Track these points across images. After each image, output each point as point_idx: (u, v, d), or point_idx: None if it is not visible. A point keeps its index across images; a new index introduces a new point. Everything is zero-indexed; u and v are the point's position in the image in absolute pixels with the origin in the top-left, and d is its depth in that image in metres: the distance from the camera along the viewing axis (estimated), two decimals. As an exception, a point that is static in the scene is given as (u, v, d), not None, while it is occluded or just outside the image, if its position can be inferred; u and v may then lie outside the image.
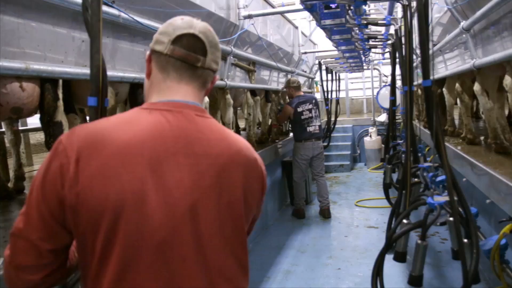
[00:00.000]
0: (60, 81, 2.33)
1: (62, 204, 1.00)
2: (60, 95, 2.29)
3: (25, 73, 1.86)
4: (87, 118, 4.03)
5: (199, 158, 1.09)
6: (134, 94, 2.82)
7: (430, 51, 1.85)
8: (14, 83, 2.06)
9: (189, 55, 1.13)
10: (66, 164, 0.99)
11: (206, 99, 3.68)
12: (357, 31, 4.51)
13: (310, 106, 6.20)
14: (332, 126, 9.22)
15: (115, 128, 1.04)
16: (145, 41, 2.84)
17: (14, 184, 3.22)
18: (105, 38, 2.44)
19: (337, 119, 9.80)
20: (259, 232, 5.67)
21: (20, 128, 3.75)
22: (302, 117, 6.14)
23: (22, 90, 2.12)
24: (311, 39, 8.39)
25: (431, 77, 1.84)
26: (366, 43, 5.10)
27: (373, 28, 4.50)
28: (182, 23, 1.15)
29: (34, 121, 4.04)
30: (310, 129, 6.17)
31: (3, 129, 3.61)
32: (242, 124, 8.41)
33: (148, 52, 1.19)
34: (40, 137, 6.76)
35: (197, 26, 1.16)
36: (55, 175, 1.00)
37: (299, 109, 6.14)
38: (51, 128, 2.22)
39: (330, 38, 4.70)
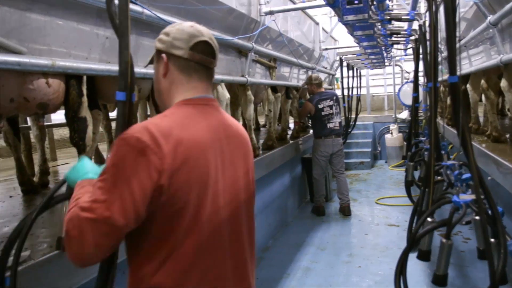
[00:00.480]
0: (85, 78, 2.37)
1: (156, 191, 1.17)
2: (85, 91, 2.33)
3: (51, 70, 1.89)
4: (109, 114, 4.09)
5: (232, 139, 1.41)
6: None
7: (457, 46, 1.81)
8: (41, 79, 2.10)
9: (206, 59, 1.38)
10: (156, 159, 1.17)
11: (227, 95, 3.68)
12: (380, 26, 4.44)
13: (331, 103, 6.18)
14: (353, 123, 9.13)
15: (182, 124, 1.26)
16: (167, 38, 2.85)
17: (39, 179, 3.30)
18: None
19: (358, 116, 9.70)
20: (278, 229, 5.67)
21: (45, 123, 3.82)
22: (323, 113, 6.12)
23: (48, 86, 2.16)
24: (332, 35, 8.33)
25: (458, 73, 1.80)
26: (389, 39, 5.02)
27: (396, 23, 4.42)
28: (194, 30, 1.36)
29: (57, 117, 4.12)
30: (330, 125, 6.14)
31: (29, 125, 3.69)
32: (261, 120, 8.41)
33: (163, 55, 1.37)
34: (63, 132, 6.88)
35: (206, 33, 1.39)
36: (148, 169, 1.16)
37: (320, 106, 6.11)
38: (75, 124, 2.26)
39: (352, 34, 4.65)
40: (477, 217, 1.80)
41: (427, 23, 3.87)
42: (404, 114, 10.19)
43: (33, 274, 1.70)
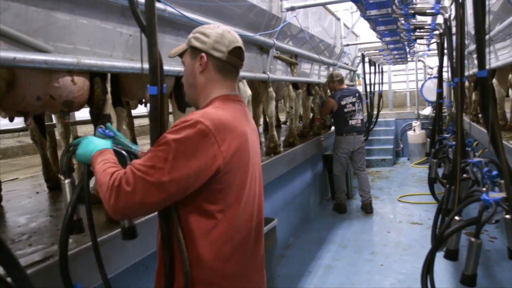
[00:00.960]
0: (109, 75, 2.39)
1: (211, 172, 1.35)
2: (109, 89, 2.35)
3: (76, 68, 1.91)
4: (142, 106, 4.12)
5: (255, 132, 1.62)
6: (178, 87, 2.85)
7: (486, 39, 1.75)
8: (66, 77, 2.13)
9: (239, 62, 1.58)
10: (216, 144, 1.35)
11: (249, 92, 3.68)
12: (403, 21, 4.36)
13: (354, 100, 6.12)
14: (374, 120, 9.01)
15: (231, 117, 1.45)
16: (188, 35, 2.85)
17: (64, 175, 3.34)
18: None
19: (380, 112, 9.57)
20: (299, 226, 5.65)
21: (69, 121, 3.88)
22: (345, 110, 6.07)
23: (74, 84, 2.19)
24: (353, 31, 8.23)
25: (487, 67, 1.74)
26: (412, 33, 4.93)
27: (419, 17, 4.33)
28: (232, 36, 1.55)
29: (81, 114, 4.18)
30: (352, 122, 6.09)
31: (54, 122, 3.76)
32: (282, 117, 8.38)
33: (203, 54, 1.51)
34: (87, 130, 6.99)
35: (239, 39, 1.58)
36: (207, 151, 1.33)
37: (343, 102, 6.06)
38: (100, 121, 2.28)
39: (374, 30, 4.58)
40: (507, 216, 1.75)
41: (452, 17, 3.79)
42: (427, 111, 10.01)
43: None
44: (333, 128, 6.93)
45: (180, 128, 1.34)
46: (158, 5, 2.34)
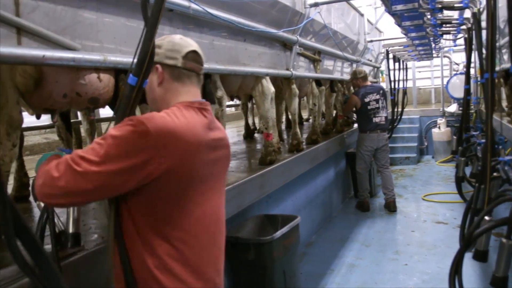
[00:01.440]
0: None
1: (144, 173, 1.31)
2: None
3: (103, 65, 1.93)
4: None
5: (220, 142, 1.57)
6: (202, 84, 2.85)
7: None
8: (93, 74, 2.16)
9: (196, 66, 1.56)
10: (153, 147, 1.31)
11: (272, 89, 3.66)
12: (429, 16, 4.26)
13: (377, 97, 6.02)
14: (399, 117, 8.87)
15: (184, 124, 1.39)
16: (212, 32, 2.86)
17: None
18: (175, 29, 2.48)
19: (404, 109, 9.41)
20: (322, 224, 5.61)
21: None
22: (369, 107, 5.97)
23: (99, 81, 2.21)
24: (377, 27, 8.11)
25: (521, 63, 1.68)
26: (438, 29, 4.81)
27: (446, 12, 4.22)
28: (184, 42, 1.54)
29: (105, 111, 4.23)
30: (376, 120, 5.99)
31: (80, 119, 3.82)
32: (303, 114, 8.33)
33: (158, 66, 1.50)
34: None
35: (194, 43, 1.57)
36: (141, 153, 1.30)
37: (366, 99, 5.97)
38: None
39: (399, 25, 4.50)
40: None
41: (482, 10, 3.69)
42: (453, 108, 9.79)
43: (84, 263, 1.76)
44: (356, 125, 6.86)
45: (123, 125, 1.32)
46: (182, 2, 2.36)
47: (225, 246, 1.56)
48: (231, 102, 8.03)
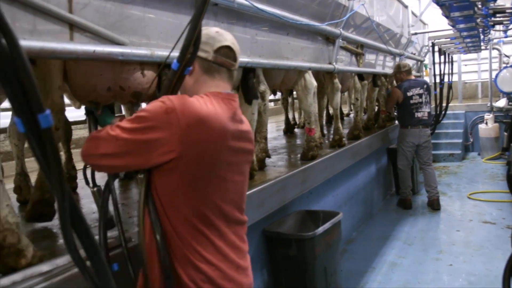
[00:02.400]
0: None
1: (169, 150, 1.38)
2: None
3: (150, 59, 1.95)
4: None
5: (243, 134, 1.58)
6: (246, 80, 2.85)
7: None
8: (136, 69, 2.19)
9: (227, 62, 1.58)
10: (176, 124, 1.37)
11: (315, 83, 3.61)
12: (480, 6, 4.07)
13: (421, 91, 5.83)
14: (443, 112, 8.57)
15: (210, 110, 1.44)
16: (255, 26, 2.84)
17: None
18: (220, 23, 2.48)
19: (448, 104, 9.09)
20: (362, 221, 5.51)
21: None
22: (411, 101, 5.80)
23: (143, 76, 2.24)
24: (421, 19, 7.85)
25: None
26: (489, 19, 4.59)
27: (500, 1, 4.01)
28: (219, 36, 1.57)
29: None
30: (418, 115, 5.81)
31: (123, 113, 3.90)
32: (344, 109, 8.20)
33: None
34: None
35: (229, 38, 1.59)
36: (164, 128, 1.37)
37: (409, 94, 5.80)
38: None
39: (447, 16, 4.33)
40: None
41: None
42: (502, 102, 9.36)
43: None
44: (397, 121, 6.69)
45: (156, 101, 1.41)
46: (227, -4, 2.36)
47: (266, 241, 1.59)
48: (270, 97, 8.01)
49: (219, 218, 1.49)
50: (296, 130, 6.42)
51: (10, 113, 2.75)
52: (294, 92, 6.71)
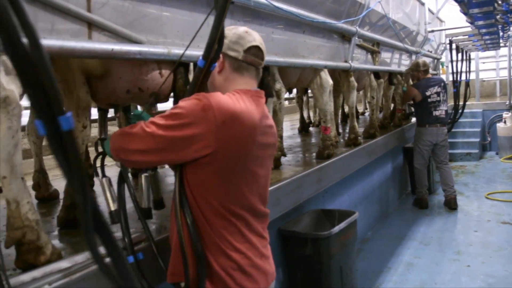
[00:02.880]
0: (191, 66, 2.42)
1: (204, 146, 1.43)
2: (190, 80, 2.39)
3: (167, 58, 1.96)
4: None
5: (269, 130, 1.64)
6: (262, 78, 2.83)
7: None
8: (155, 69, 2.19)
9: (256, 61, 1.64)
10: (213, 121, 1.42)
11: (331, 81, 3.59)
12: (500, 2, 3.99)
13: (439, 89, 5.75)
14: (460, 111, 8.44)
15: (242, 107, 1.49)
16: (270, 24, 2.83)
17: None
18: (236, 21, 2.48)
19: (466, 103, 8.95)
20: (378, 221, 5.47)
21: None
22: (429, 100, 5.72)
23: (161, 76, 2.24)
24: (438, 16, 7.75)
25: None
26: (510, 15, 4.50)
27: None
28: (248, 36, 1.62)
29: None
30: (436, 113, 5.74)
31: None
32: (358, 108, 8.14)
33: (220, 55, 1.57)
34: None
35: (258, 38, 1.65)
36: (200, 124, 1.42)
37: (427, 93, 5.72)
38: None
39: (466, 13, 4.26)
40: None
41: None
42: (522, 100, 9.20)
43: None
44: (414, 119, 6.61)
45: (190, 98, 1.46)
46: (244, -6, 2.35)
47: (282, 240, 1.63)
48: (285, 95, 7.99)
49: (247, 209, 1.55)
50: (311, 128, 6.39)
51: (28, 111, 2.78)
52: (309, 91, 6.70)
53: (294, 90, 6.37)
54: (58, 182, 2.96)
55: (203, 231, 1.49)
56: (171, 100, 2.52)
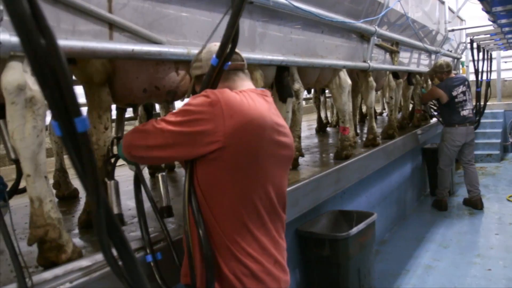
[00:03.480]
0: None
1: (213, 141, 1.43)
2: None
3: (186, 58, 1.96)
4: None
5: (281, 127, 1.60)
6: (280, 78, 2.83)
7: None
8: (171, 68, 2.20)
9: (236, 63, 1.62)
10: (221, 117, 1.42)
11: (349, 81, 3.56)
12: (525, 0, 3.91)
13: (464, 89, 5.65)
14: (481, 111, 8.28)
15: (249, 103, 1.48)
16: (289, 24, 2.82)
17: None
18: (255, 21, 2.48)
19: (486, 103, 8.77)
20: (395, 222, 5.40)
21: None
22: (456, 100, 5.62)
23: (177, 74, 2.26)
24: (459, 15, 7.62)
25: None
26: (534, 14, 4.40)
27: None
28: (215, 47, 1.58)
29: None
30: (464, 113, 5.64)
31: (158, 111, 3.95)
32: (376, 108, 8.05)
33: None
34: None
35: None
36: (208, 120, 1.43)
37: (454, 93, 5.61)
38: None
39: (488, 12, 4.18)
40: None
41: None
42: (544, 101, 8.98)
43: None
44: (433, 120, 6.51)
45: (199, 95, 1.48)
46: (263, -6, 2.34)
47: (300, 241, 1.59)
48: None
49: (260, 211, 1.51)
50: (328, 129, 6.35)
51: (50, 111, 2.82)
52: (327, 91, 6.66)
53: (310, 90, 6.34)
54: (78, 181, 2.99)
55: (214, 233, 1.47)
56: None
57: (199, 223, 1.46)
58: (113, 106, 2.29)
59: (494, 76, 10.40)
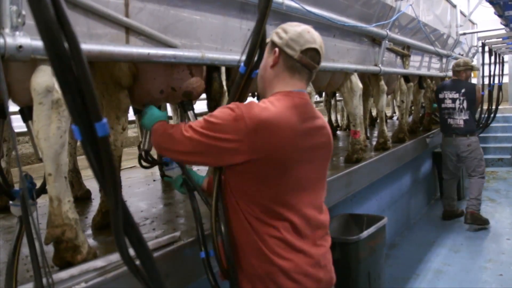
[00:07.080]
0: (223, 69, 2.45)
1: (238, 154, 1.48)
2: (224, 82, 2.42)
3: (201, 62, 1.98)
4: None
5: (319, 131, 1.61)
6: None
7: None
8: (185, 70, 2.23)
9: (311, 64, 1.57)
10: (245, 130, 1.44)
11: (361, 85, 3.56)
12: (537, 4, 3.88)
13: (455, 96, 5.25)
14: (492, 116, 8.21)
15: (280, 112, 1.48)
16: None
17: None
18: (268, 25, 2.47)
19: (498, 107, 8.70)
20: (406, 226, 5.38)
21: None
22: (442, 105, 5.33)
23: (192, 76, 2.28)
24: (470, 19, 7.57)
25: None
26: (547, 18, 4.37)
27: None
28: (310, 37, 1.55)
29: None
30: (450, 121, 5.28)
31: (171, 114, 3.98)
32: (386, 112, 8.02)
33: (276, 49, 1.57)
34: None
35: (318, 40, 1.57)
36: (231, 133, 1.46)
37: (440, 96, 5.34)
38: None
39: (501, 15, 4.16)
40: None
41: None
42: (557, 105, 8.87)
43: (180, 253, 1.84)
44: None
45: (225, 107, 1.50)
46: (276, -1, 2.36)
47: None
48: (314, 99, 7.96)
49: (294, 216, 1.52)
50: (338, 132, 6.34)
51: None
52: (337, 94, 6.65)
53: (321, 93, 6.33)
54: (90, 182, 3.03)
55: (246, 235, 1.52)
56: (204, 102, 2.56)
57: (222, 225, 1.56)
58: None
59: (506, 79, 10.33)
